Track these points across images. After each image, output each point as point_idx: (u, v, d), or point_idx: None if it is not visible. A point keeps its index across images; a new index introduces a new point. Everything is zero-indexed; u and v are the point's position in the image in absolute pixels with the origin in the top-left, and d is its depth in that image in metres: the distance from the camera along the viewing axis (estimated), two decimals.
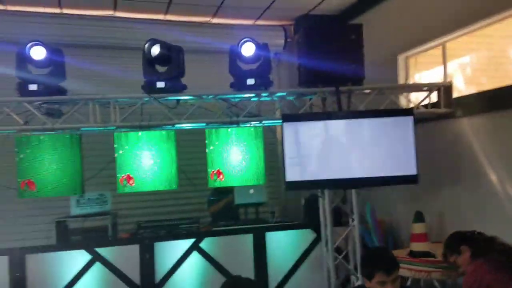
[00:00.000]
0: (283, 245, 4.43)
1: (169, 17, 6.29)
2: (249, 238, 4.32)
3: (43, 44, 3.99)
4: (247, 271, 4.25)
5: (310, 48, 4.27)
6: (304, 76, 4.33)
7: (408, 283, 3.91)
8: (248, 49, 4.25)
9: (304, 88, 4.37)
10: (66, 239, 4.33)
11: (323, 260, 4.26)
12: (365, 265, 2.81)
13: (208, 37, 6.24)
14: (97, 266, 3.97)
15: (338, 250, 4.26)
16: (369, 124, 3.95)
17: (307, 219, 4.86)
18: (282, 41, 6.57)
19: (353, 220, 4.24)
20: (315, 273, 4.22)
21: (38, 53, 3.95)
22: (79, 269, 3.94)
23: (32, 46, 3.95)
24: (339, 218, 4.55)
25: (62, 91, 4.12)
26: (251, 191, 4.90)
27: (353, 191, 4.25)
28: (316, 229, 4.42)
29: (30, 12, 5.69)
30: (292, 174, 4.00)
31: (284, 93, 4.43)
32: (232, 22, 6.59)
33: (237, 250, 4.32)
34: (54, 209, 4.79)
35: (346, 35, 4.26)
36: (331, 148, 3.94)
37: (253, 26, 6.66)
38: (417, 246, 3.88)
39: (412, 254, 3.85)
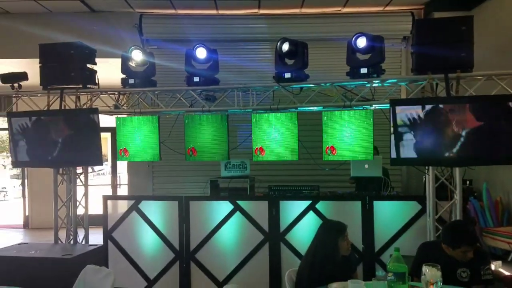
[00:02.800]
0: (389, 213, 4.80)
1: (304, 10, 7.14)
2: (358, 204, 4.85)
3: (205, 46, 5.08)
4: (356, 232, 4.78)
5: (422, 38, 4.57)
6: (416, 63, 4.76)
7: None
8: (361, 42, 4.89)
9: (416, 74, 4.84)
10: (216, 193, 5.66)
11: (427, 229, 4.72)
12: (452, 236, 3.12)
13: (337, 26, 6.93)
14: (237, 214, 5.01)
15: (441, 222, 4.59)
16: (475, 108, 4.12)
17: None
18: (410, 26, 6.91)
19: (455, 195, 4.67)
20: (418, 240, 4.66)
21: (201, 53, 5.09)
22: (225, 215, 5.01)
23: (197, 47, 5.10)
24: (446, 193, 4.96)
25: (216, 81, 5.23)
26: (366, 165, 5.54)
27: (457, 168, 4.61)
28: (422, 201, 4.74)
29: (194, 14, 7.13)
30: (397, 151, 4.59)
31: (395, 80, 4.93)
32: (362, 10, 7.11)
33: (347, 213, 4.82)
34: (209, 172, 6.23)
35: (457, 26, 4.40)
36: (434, 129, 4.38)
37: (381, 12, 7.06)
38: None
39: None
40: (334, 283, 2.84)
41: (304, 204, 4.95)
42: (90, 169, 17.17)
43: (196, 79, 5.13)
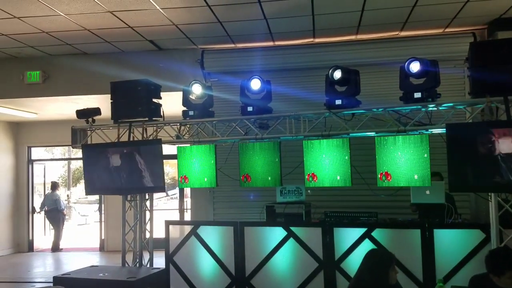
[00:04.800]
0: (451, 242, 4.53)
1: (360, 36, 7.14)
2: (417, 233, 4.63)
3: (259, 77, 5.32)
4: (415, 262, 4.57)
5: (478, 60, 4.42)
6: (473, 86, 4.57)
7: None
8: (414, 67, 4.80)
9: (474, 97, 4.65)
10: (273, 218, 5.71)
11: None
12: (494, 264, 3.05)
13: (393, 50, 6.82)
14: (291, 241, 4.98)
15: None
16: None
17: None
18: None
19: None
20: (482, 271, 4.38)
21: (255, 84, 5.30)
22: (279, 241, 5.01)
23: (251, 79, 5.32)
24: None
25: (269, 110, 5.39)
26: (427, 191, 5.30)
27: None
28: (486, 229, 4.42)
29: (251, 47, 7.41)
30: (456, 176, 4.40)
31: (451, 104, 4.76)
32: (420, 33, 6.95)
33: (405, 242, 4.64)
34: (266, 197, 6.32)
35: None
36: (494, 154, 4.15)
37: (441, 34, 6.86)
38: None
39: None
40: None
41: (360, 231, 4.84)
42: (164, 194, 17.98)
43: (250, 108, 5.33)
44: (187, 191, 10.11)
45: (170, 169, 14.73)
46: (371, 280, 3.20)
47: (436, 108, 4.70)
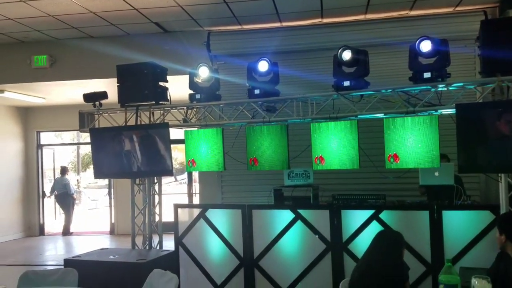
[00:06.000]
0: (460, 223, 4.52)
1: (369, 16, 7.04)
2: (425, 214, 4.63)
3: (267, 59, 5.26)
4: (423, 243, 4.59)
5: (489, 39, 4.35)
6: (483, 65, 4.51)
7: None
8: (425, 46, 4.73)
9: (484, 77, 4.58)
10: (280, 202, 5.72)
11: None
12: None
13: (403, 30, 6.72)
14: (299, 223, 5.01)
15: None
16: None
17: None
18: None
19: None
20: (491, 252, 4.36)
21: (262, 66, 5.22)
22: (286, 223, 5.04)
23: (259, 61, 5.24)
24: None
25: (276, 93, 5.34)
26: (436, 173, 5.28)
27: None
28: (495, 211, 4.39)
29: (258, 28, 7.35)
30: (465, 157, 4.37)
31: (461, 83, 4.69)
32: (430, 12, 6.84)
33: (413, 223, 4.64)
34: (274, 181, 6.34)
35: None
36: (504, 134, 4.08)
37: (451, 13, 6.73)
38: None
39: None
40: None
41: (367, 213, 4.85)
42: (173, 179, 18.05)
43: (257, 91, 5.31)
44: (196, 176, 10.18)
45: (178, 154, 14.80)
46: (385, 261, 3.21)
47: (446, 88, 4.65)
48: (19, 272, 3.47)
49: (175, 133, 6.30)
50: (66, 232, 10.81)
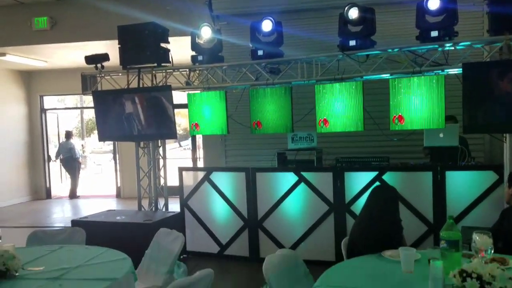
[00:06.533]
0: (463, 184, 4.58)
1: None
2: (428, 175, 4.68)
3: (271, 18, 5.15)
4: (426, 204, 4.67)
5: None
6: (491, 23, 4.40)
7: None
8: (433, 4, 4.61)
9: (492, 35, 4.47)
10: (284, 165, 5.76)
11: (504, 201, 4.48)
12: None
13: None
14: (302, 185, 5.08)
15: None
16: None
17: None
18: None
19: None
20: (493, 212, 4.38)
21: (266, 25, 5.11)
22: (290, 186, 5.13)
23: (262, 20, 5.14)
24: None
25: (280, 54, 5.24)
26: (441, 134, 5.25)
27: None
28: (499, 171, 4.43)
29: None
30: (471, 117, 4.34)
31: (469, 42, 4.59)
32: None
33: (416, 184, 4.71)
34: (276, 144, 6.33)
35: None
36: (510, 93, 4.06)
37: None
38: None
39: None
40: (388, 250, 2.84)
41: (371, 175, 4.89)
42: (176, 144, 18.06)
43: (260, 52, 5.23)
44: (199, 142, 10.20)
45: (181, 120, 14.79)
46: (384, 217, 3.22)
47: (453, 48, 4.56)
48: (27, 233, 3.55)
49: (178, 98, 6.26)
50: (73, 195, 10.98)
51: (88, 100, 14.36)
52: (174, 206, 6.22)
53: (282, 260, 2.75)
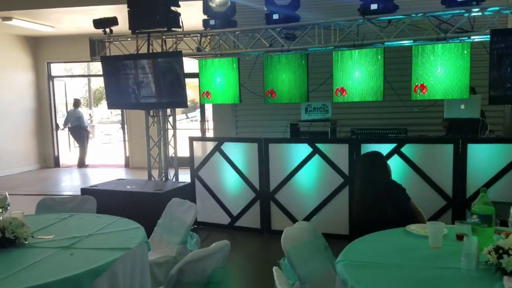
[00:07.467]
0: (485, 157, 4.41)
1: None
2: (449, 148, 4.50)
3: None
4: (446, 177, 4.51)
5: None
6: None
7: None
8: None
9: None
10: (297, 136, 5.63)
11: None
12: None
13: None
14: (316, 157, 4.94)
15: None
16: None
17: None
18: None
19: None
20: None
21: None
22: (303, 157, 4.98)
23: None
24: None
25: (296, 18, 5.02)
26: (462, 106, 5.04)
27: None
28: None
29: None
30: (497, 87, 4.13)
31: (497, 8, 4.32)
32: None
33: (437, 157, 4.54)
34: (289, 115, 6.13)
35: None
36: None
37: None
38: None
39: None
40: (413, 224, 2.71)
41: (388, 147, 4.71)
42: (184, 116, 17.89)
43: (275, 16, 5.00)
44: (208, 113, 10.03)
45: (189, 91, 14.61)
46: (381, 180, 3.25)
47: (480, 13, 4.30)
48: (35, 200, 3.45)
49: (188, 67, 6.04)
50: (82, 164, 10.94)
51: (96, 69, 14.17)
52: (184, 176, 6.12)
53: (301, 233, 2.64)
